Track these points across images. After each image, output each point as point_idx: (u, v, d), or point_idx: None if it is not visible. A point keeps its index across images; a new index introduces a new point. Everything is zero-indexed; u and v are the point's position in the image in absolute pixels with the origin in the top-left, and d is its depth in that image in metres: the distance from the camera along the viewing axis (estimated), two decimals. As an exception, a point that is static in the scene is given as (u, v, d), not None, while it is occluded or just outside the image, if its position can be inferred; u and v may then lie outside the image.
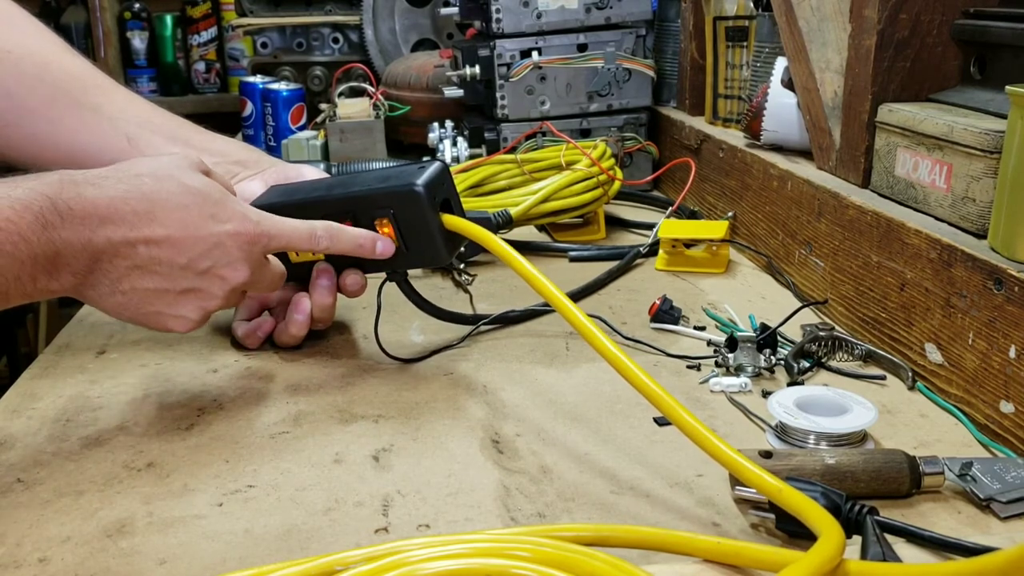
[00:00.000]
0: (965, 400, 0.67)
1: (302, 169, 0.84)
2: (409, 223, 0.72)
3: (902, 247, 0.74)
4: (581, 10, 1.29)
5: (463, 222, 0.72)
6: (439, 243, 0.72)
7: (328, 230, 0.71)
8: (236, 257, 0.65)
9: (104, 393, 0.72)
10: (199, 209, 0.63)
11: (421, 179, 0.70)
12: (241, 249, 0.65)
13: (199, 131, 0.85)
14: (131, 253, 0.61)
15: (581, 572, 0.45)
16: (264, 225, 0.67)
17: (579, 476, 0.60)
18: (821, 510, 0.49)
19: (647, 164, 1.36)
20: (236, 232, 0.65)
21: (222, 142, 0.86)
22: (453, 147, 1.31)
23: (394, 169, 0.75)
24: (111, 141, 0.80)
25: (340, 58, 1.77)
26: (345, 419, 0.68)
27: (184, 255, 0.63)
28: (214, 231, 0.64)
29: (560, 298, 0.64)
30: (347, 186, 0.75)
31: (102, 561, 0.51)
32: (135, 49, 2.59)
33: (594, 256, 1.05)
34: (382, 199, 0.72)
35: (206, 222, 0.63)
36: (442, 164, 0.73)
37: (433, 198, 0.70)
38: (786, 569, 0.44)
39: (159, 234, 0.62)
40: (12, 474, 0.61)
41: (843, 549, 0.46)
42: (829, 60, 0.92)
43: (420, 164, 0.73)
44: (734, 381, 0.72)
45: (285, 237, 0.68)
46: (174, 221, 0.62)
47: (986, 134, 0.69)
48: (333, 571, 0.47)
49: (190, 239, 0.63)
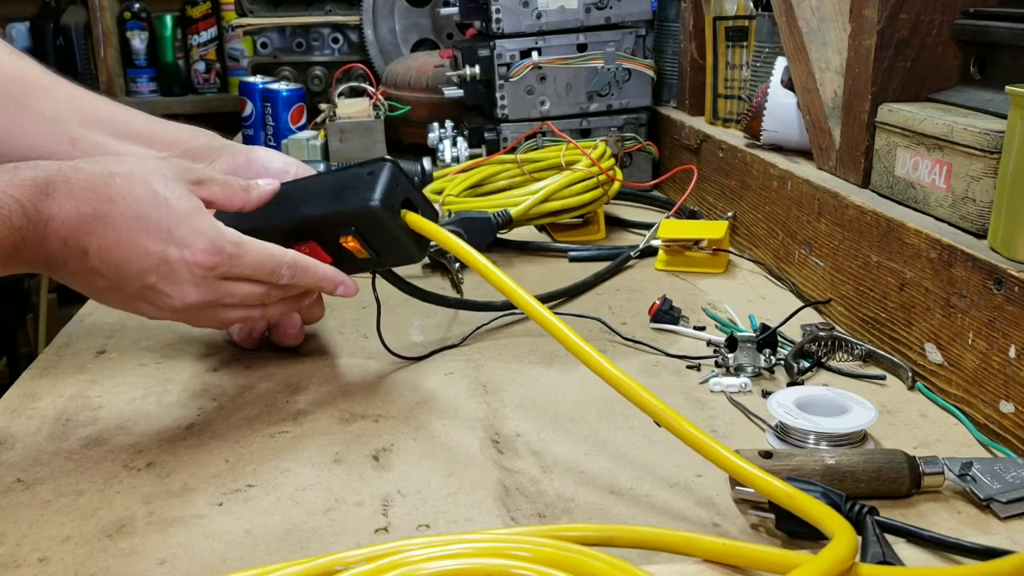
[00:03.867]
0: (965, 400, 0.67)
1: (253, 154, 0.78)
2: (374, 235, 0.70)
3: (902, 247, 0.74)
4: (581, 10, 1.29)
5: (425, 224, 0.69)
6: (408, 245, 0.70)
7: (293, 268, 0.67)
8: (184, 280, 0.63)
9: (104, 393, 0.72)
10: (157, 222, 0.61)
11: (377, 193, 0.67)
12: (192, 274, 0.62)
13: (147, 120, 0.82)
14: (82, 258, 0.60)
15: (581, 572, 0.45)
16: (225, 254, 0.63)
17: (579, 476, 0.60)
18: (832, 512, 0.49)
19: (647, 164, 1.36)
20: (188, 260, 0.62)
21: (173, 129, 0.82)
22: (453, 147, 1.31)
23: (345, 176, 0.70)
24: (55, 144, 0.77)
25: (340, 58, 1.77)
26: (345, 419, 0.68)
27: (132, 265, 0.61)
28: (164, 250, 0.61)
29: (531, 303, 0.63)
30: (299, 204, 0.71)
31: (102, 561, 0.51)
32: (135, 49, 2.59)
33: (594, 256, 1.05)
34: (341, 219, 0.69)
35: (159, 237, 0.61)
36: (391, 166, 0.69)
37: (392, 207, 0.67)
38: (799, 568, 0.44)
39: (110, 239, 0.60)
40: (12, 474, 0.61)
41: (856, 551, 0.46)
42: (829, 60, 0.92)
43: (369, 168, 0.69)
44: (734, 381, 0.72)
45: (248, 269, 0.65)
46: (128, 228, 0.60)
47: (986, 134, 0.69)
48: (333, 571, 0.47)
49: (139, 250, 0.61)
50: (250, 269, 0.65)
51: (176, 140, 0.80)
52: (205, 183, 0.66)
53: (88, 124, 0.79)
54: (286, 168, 0.76)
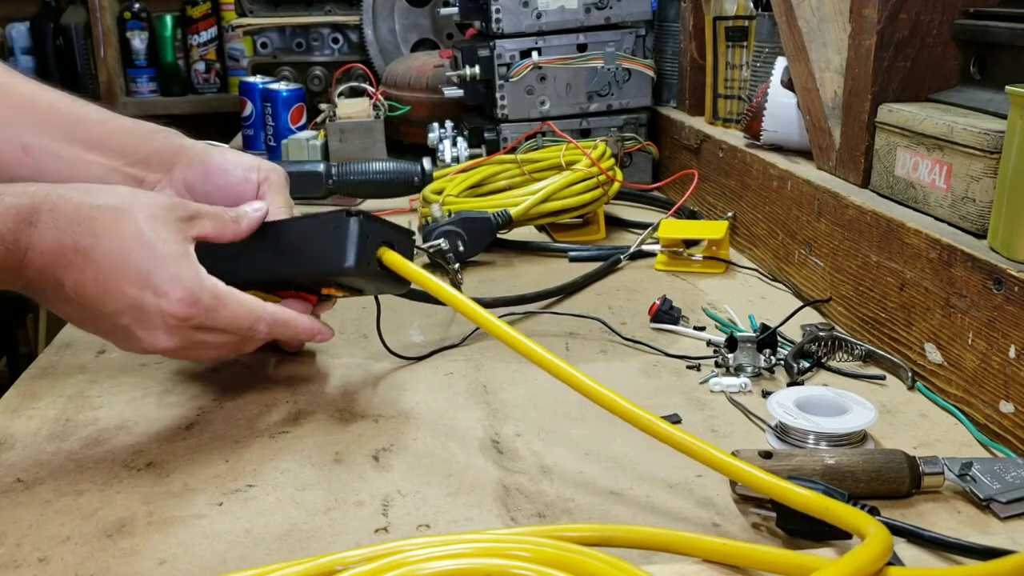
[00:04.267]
0: (965, 400, 0.67)
1: (210, 161, 0.74)
2: (354, 284, 0.70)
3: (902, 247, 0.74)
4: (581, 10, 1.29)
5: (400, 263, 0.67)
6: (390, 285, 0.70)
7: (271, 324, 0.65)
8: (157, 327, 0.61)
9: (104, 393, 0.72)
10: (138, 265, 0.59)
11: (349, 255, 0.65)
12: (165, 322, 0.61)
13: (101, 121, 0.77)
14: (58, 288, 0.60)
15: (581, 572, 0.45)
16: (201, 306, 0.61)
17: (579, 476, 0.60)
18: (868, 516, 0.49)
19: (647, 164, 1.36)
20: (164, 308, 0.60)
21: (125, 134, 0.77)
22: (453, 147, 1.31)
23: (313, 231, 0.67)
24: (6, 151, 0.74)
25: (340, 58, 1.77)
26: (345, 419, 0.68)
27: (107, 305, 0.60)
28: (140, 295, 0.60)
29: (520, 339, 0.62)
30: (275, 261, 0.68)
31: (102, 561, 0.51)
32: (135, 49, 2.59)
33: (593, 256, 1.05)
34: (319, 277, 0.69)
35: (137, 281, 0.59)
36: (357, 221, 0.65)
37: (367, 261, 0.66)
38: (836, 562, 0.45)
39: (88, 275, 0.59)
40: (12, 474, 0.61)
41: (890, 551, 0.46)
42: (829, 60, 0.92)
43: (335, 223, 0.65)
44: (734, 381, 0.72)
45: (223, 323, 0.63)
46: (108, 267, 0.59)
47: (986, 134, 0.69)
48: (333, 571, 0.47)
49: (115, 291, 0.59)
50: (225, 323, 0.63)
51: (129, 147, 0.76)
52: (196, 220, 0.64)
53: (42, 128, 0.75)
54: (246, 176, 0.74)
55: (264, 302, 0.65)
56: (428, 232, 0.99)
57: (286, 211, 0.73)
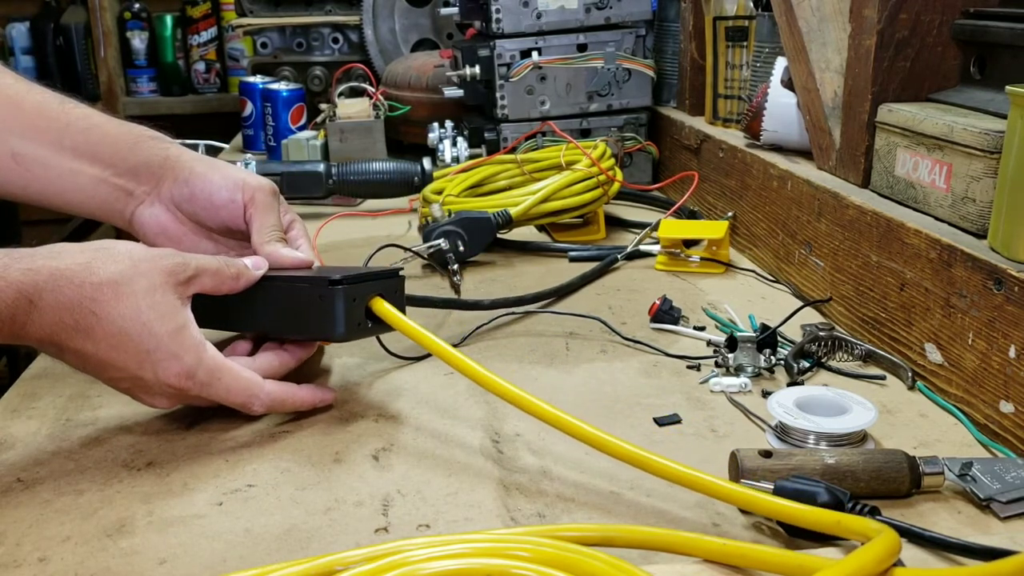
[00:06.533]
0: (965, 400, 0.67)
1: (195, 183, 0.74)
2: (350, 340, 0.73)
3: (902, 247, 0.74)
4: (581, 10, 1.29)
5: (390, 315, 0.68)
6: (383, 333, 0.73)
7: (268, 401, 0.66)
8: (157, 393, 0.63)
9: (104, 393, 0.72)
10: (137, 345, 0.60)
11: (339, 325, 0.66)
12: (164, 392, 0.63)
13: (86, 128, 0.76)
14: (59, 353, 0.61)
15: (581, 572, 0.45)
16: (196, 380, 0.62)
17: (579, 476, 0.60)
18: (878, 524, 0.49)
19: (647, 164, 1.36)
20: (161, 379, 0.62)
21: (113, 141, 0.76)
22: (453, 147, 1.31)
23: (302, 297, 0.68)
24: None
25: (340, 58, 1.77)
26: (345, 419, 0.68)
27: (106, 373, 0.62)
28: (139, 370, 0.61)
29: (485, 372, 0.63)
30: (270, 322, 0.70)
31: (102, 561, 0.51)
32: (135, 49, 2.59)
33: (593, 256, 1.05)
34: (313, 339, 0.71)
35: (136, 359, 0.61)
36: (342, 292, 0.65)
37: (357, 324, 0.67)
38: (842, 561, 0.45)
39: (88, 349, 0.60)
40: (12, 474, 0.61)
41: (898, 552, 0.46)
42: (829, 60, 0.92)
43: (320, 291, 0.66)
44: (734, 381, 0.72)
45: (219, 396, 0.64)
46: (108, 345, 0.60)
47: (986, 134, 0.69)
48: (333, 571, 0.47)
49: (117, 363, 0.61)
50: (220, 396, 0.64)
51: (117, 156, 0.75)
52: (195, 279, 0.64)
53: (31, 134, 0.75)
54: (231, 198, 0.74)
55: (263, 380, 0.66)
56: (428, 232, 0.99)
57: (277, 233, 0.73)
